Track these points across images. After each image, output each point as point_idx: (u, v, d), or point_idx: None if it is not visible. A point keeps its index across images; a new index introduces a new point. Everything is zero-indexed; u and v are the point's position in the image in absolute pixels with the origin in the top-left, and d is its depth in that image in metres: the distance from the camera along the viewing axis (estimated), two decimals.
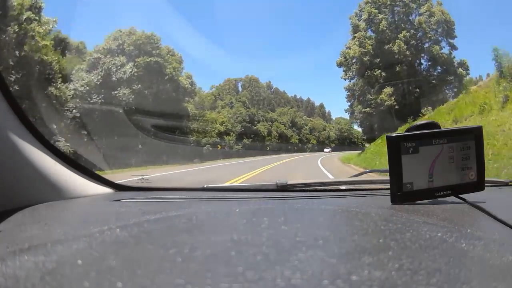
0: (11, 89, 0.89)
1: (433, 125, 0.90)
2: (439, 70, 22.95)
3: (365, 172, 1.64)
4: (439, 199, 0.88)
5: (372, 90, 22.67)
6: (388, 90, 21.72)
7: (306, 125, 52.46)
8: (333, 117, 60.14)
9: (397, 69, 22.05)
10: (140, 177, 1.60)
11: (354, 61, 23.13)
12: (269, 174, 10.52)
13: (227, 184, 1.42)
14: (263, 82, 49.29)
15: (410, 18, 22.86)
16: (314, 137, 52.86)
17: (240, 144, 34.30)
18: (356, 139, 56.59)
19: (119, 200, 1.02)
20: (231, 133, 34.20)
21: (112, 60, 17.87)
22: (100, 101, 16.16)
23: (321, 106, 61.09)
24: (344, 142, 55.00)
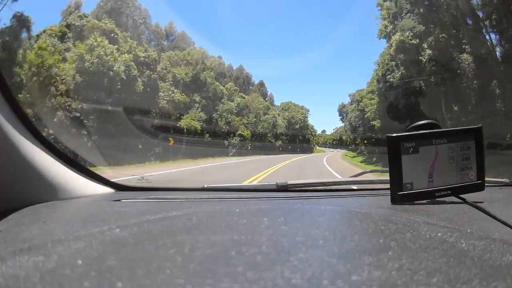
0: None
1: (433, 125, 0.90)
2: None
3: (365, 172, 1.64)
4: (439, 199, 0.88)
5: None
6: None
7: (232, 99, 26.59)
8: (277, 102, 37.20)
9: None
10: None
11: None
12: None
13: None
14: (163, 25, 25.63)
15: None
16: (247, 124, 27.08)
17: None
18: (311, 136, 39.06)
19: (119, 200, 1.03)
20: None
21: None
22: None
23: (262, 84, 36.24)
24: (295, 139, 34.13)
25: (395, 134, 0.85)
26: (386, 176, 0.93)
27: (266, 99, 35.48)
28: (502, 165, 8.08)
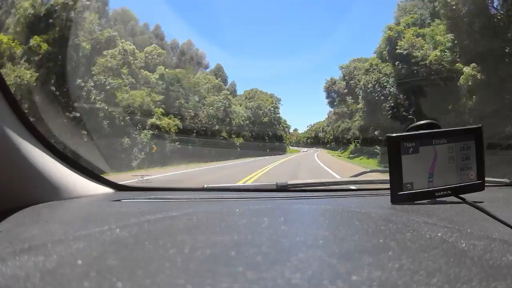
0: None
1: (433, 125, 0.90)
2: None
3: (365, 172, 1.64)
4: (439, 199, 0.88)
5: None
6: None
7: (153, 70, 16.79)
8: (240, 91, 29.02)
9: None
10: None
11: None
12: None
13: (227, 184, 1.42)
14: None
15: None
16: (163, 104, 15.86)
17: None
18: (282, 133, 30.51)
19: (119, 200, 1.03)
20: None
21: None
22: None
23: (220, 69, 27.90)
24: (264, 135, 25.95)
25: (395, 134, 0.85)
26: (386, 176, 0.93)
27: (227, 86, 26.38)
28: (502, 165, 8.06)
